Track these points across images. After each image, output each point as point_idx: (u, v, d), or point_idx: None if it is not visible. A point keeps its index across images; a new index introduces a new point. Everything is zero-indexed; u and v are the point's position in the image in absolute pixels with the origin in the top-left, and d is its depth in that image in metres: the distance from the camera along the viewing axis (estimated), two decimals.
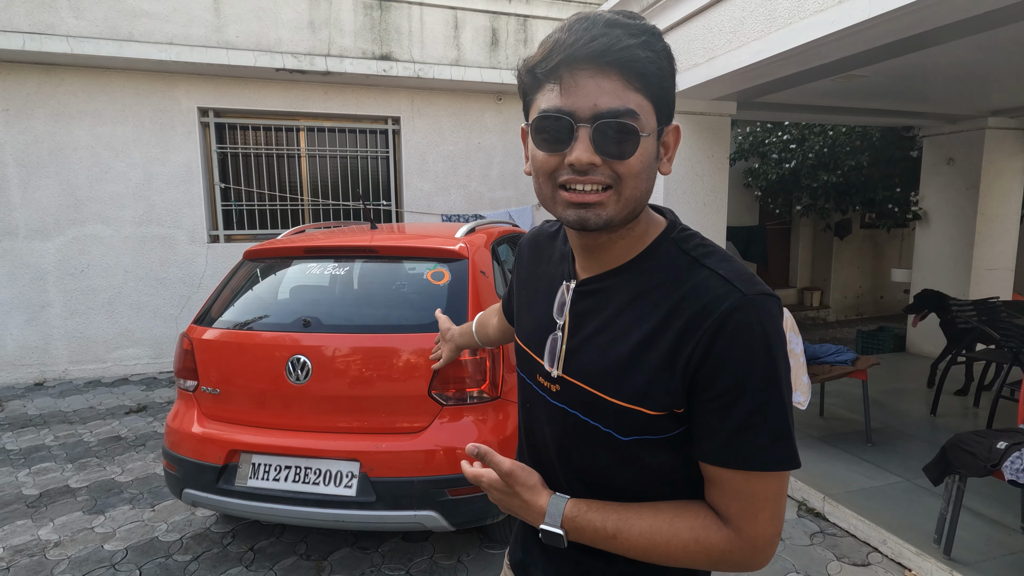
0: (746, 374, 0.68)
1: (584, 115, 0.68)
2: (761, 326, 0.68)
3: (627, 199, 0.71)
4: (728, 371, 0.68)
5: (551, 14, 6.52)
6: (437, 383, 2.29)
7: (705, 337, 0.69)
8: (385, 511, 2.22)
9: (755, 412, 0.68)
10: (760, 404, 0.68)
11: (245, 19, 5.50)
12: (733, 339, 0.68)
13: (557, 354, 0.82)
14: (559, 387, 0.82)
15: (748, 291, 0.70)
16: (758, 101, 4.79)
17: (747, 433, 0.69)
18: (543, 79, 0.70)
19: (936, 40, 3.00)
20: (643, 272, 0.77)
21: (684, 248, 0.77)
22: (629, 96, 0.68)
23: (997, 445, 2.33)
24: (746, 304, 0.69)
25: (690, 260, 0.75)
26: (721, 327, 0.68)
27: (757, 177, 7.95)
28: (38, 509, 3.07)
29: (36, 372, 5.43)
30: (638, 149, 0.69)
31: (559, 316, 0.84)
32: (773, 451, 0.69)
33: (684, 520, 0.74)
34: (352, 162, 6.37)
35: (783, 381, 0.70)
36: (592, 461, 0.81)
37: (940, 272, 6.00)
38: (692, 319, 0.70)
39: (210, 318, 2.58)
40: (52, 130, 5.25)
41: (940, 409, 4.23)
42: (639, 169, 0.70)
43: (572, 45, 0.66)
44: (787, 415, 0.70)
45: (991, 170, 5.61)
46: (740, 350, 0.68)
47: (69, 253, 5.40)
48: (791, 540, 2.76)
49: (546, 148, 0.71)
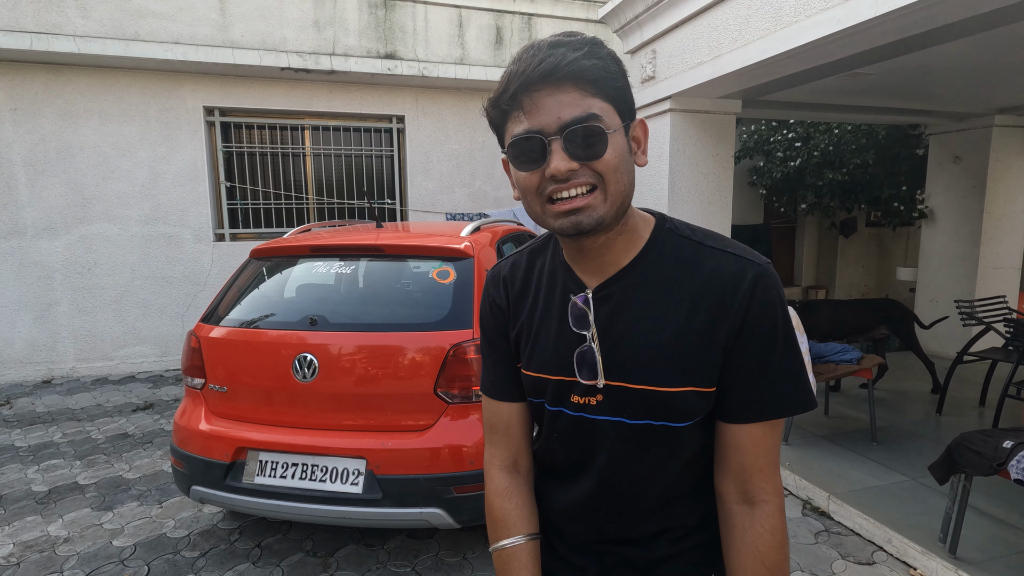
0: (773, 333, 0.78)
1: (551, 129, 0.72)
2: (777, 288, 0.79)
3: (613, 195, 0.75)
4: (760, 334, 0.77)
5: (555, 12, 6.52)
6: (443, 381, 2.30)
7: (740, 308, 0.77)
8: (391, 508, 2.23)
9: (784, 365, 0.79)
10: (786, 358, 0.79)
11: (250, 18, 5.52)
12: (763, 304, 0.77)
13: (596, 364, 0.82)
14: (602, 397, 0.82)
15: (759, 260, 0.79)
16: (763, 99, 4.78)
17: (779, 385, 0.79)
18: (507, 109, 0.75)
19: (943, 38, 2.99)
20: (652, 264, 0.82)
21: (683, 235, 0.83)
22: (588, 102, 0.72)
23: (1003, 444, 2.32)
24: (764, 272, 0.78)
25: (694, 245, 0.82)
26: (751, 297, 0.77)
27: (762, 175, 7.93)
28: (47, 505, 3.10)
29: (44, 370, 5.47)
30: (609, 146, 0.73)
31: (582, 327, 0.83)
32: (797, 395, 0.79)
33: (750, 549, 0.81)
34: (357, 161, 6.39)
35: (793, 333, 0.80)
36: (642, 468, 0.84)
37: (946, 271, 5.98)
38: (722, 295, 0.78)
39: (217, 316, 2.60)
40: (59, 129, 5.28)
41: (946, 408, 4.21)
42: (616, 163, 0.74)
43: (525, 72, 0.72)
44: (802, 362, 0.81)
45: (998, 168, 5.58)
46: (768, 313, 0.77)
47: (76, 252, 5.44)
48: (796, 539, 2.76)
49: (526, 168, 0.75)
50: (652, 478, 0.85)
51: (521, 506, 0.93)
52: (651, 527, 0.89)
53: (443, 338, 2.32)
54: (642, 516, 0.88)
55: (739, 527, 0.81)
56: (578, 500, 0.89)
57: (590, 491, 0.87)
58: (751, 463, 0.80)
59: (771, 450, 0.80)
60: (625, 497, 0.87)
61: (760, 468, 0.80)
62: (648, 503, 0.87)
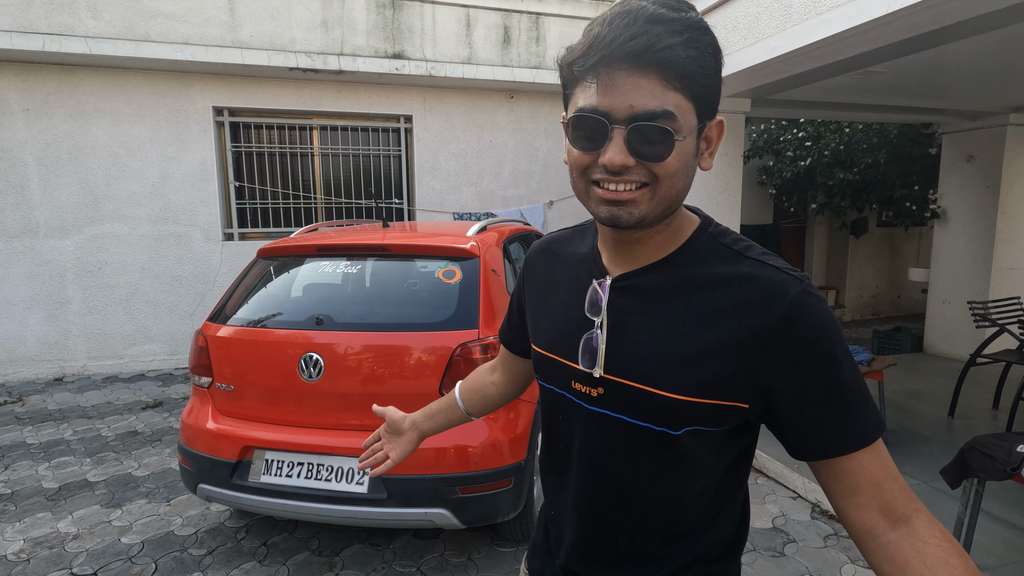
0: (832, 354, 0.69)
1: (620, 116, 0.66)
2: (826, 306, 0.71)
3: (662, 198, 0.70)
4: (818, 355, 0.69)
5: (564, 11, 6.50)
6: (449, 381, 2.30)
7: (781, 326, 0.69)
8: (396, 508, 2.23)
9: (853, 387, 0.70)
10: (852, 379, 0.70)
11: (259, 19, 5.55)
12: (812, 324, 0.69)
13: (597, 353, 0.79)
14: (602, 390, 0.79)
15: (802, 278, 0.72)
16: (773, 98, 4.74)
17: (856, 409, 0.70)
18: (579, 76, 0.69)
19: (956, 35, 2.95)
20: (685, 266, 0.76)
21: (723, 242, 0.77)
22: (668, 96, 0.66)
23: (1017, 448, 2.28)
24: (807, 291, 0.71)
25: (733, 253, 0.76)
26: (796, 314, 0.69)
27: (772, 175, 7.86)
28: (57, 502, 3.13)
29: (55, 368, 5.53)
30: (674, 150, 0.68)
31: (594, 314, 0.80)
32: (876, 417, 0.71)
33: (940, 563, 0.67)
34: (365, 160, 6.40)
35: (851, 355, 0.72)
36: (636, 470, 0.79)
37: (959, 271, 5.90)
38: (754, 310, 0.71)
39: (224, 315, 2.61)
40: (71, 130, 5.33)
41: (958, 411, 4.16)
42: (675, 169, 0.69)
43: (611, 43, 0.65)
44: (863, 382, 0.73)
45: (1012, 167, 5.50)
46: (821, 333, 0.69)
47: (87, 251, 5.49)
48: (804, 542, 2.74)
49: (581, 146, 0.71)
50: (649, 485, 0.79)
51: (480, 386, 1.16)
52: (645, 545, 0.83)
53: (449, 338, 2.32)
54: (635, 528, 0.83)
55: (911, 549, 0.68)
56: (572, 497, 0.86)
57: (584, 487, 0.85)
58: (883, 482, 0.70)
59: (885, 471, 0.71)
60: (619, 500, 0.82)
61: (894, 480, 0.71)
62: (643, 514, 0.81)
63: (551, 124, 6.75)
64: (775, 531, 2.83)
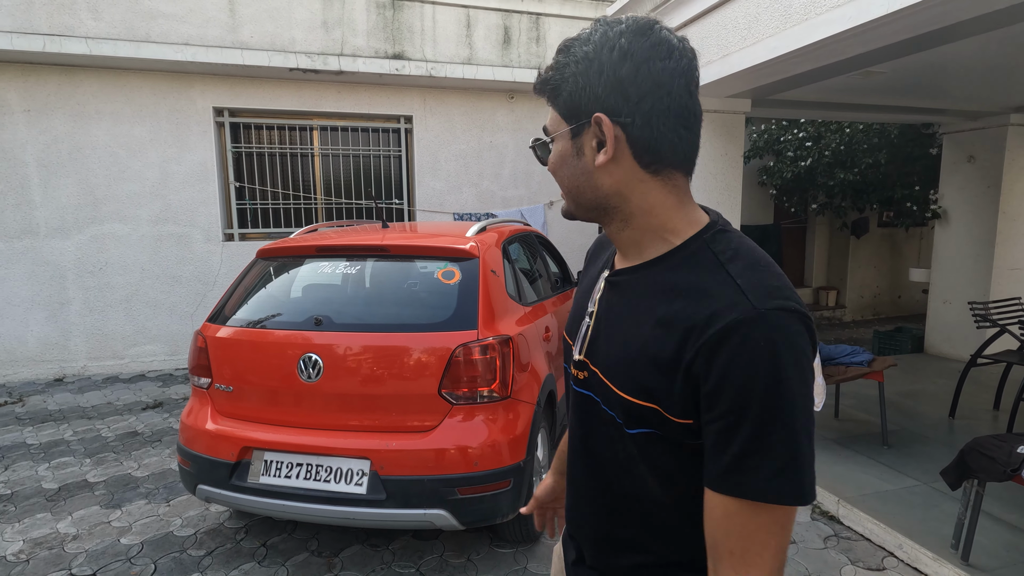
0: (747, 396, 0.63)
1: None
2: (770, 343, 0.64)
3: (566, 192, 0.82)
4: (729, 391, 0.64)
5: (564, 12, 6.50)
6: (448, 382, 2.29)
7: (705, 350, 0.66)
8: (395, 509, 2.23)
9: (758, 438, 0.63)
10: (763, 430, 0.63)
11: (259, 19, 5.55)
12: (734, 356, 0.64)
13: (584, 339, 0.86)
14: (586, 374, 0.84)
15: (761, 305, 0.65)
16: (773, 98, 4.73)
17: (750, 459, 0.64)
18: None
19: (957, 35, 2.94)
20: (668, 270, 0.76)
21: (713, 249, 0.74)
22: (551, 113, 0.80)
23: (1017, 449, 2.28)
24: (754, 319, 0.64)
25: (716, 263, 0.72)
26: (722, 341, 0.65)
27: (772, 175, 7.86)
28: (57, 503, 3.13)
29: (56, 368, 5.53)
30: (551, 153, 0.81)
31: (591, 303, 0.87)
32: (776, 482, 0.63)
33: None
34: (365, 161, 6.41)
35: (796, 405, 0.64)
36: (612, 453, 0.81)
37: (960, 272, 5.89)
38: (695, 327, 0.67)
39: (223, 316, 2.61)
40: (71, 130, 5.34)
41: (959, 411, 4.15)
42: (554, 168, 0.81)
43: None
44: (797, 443, 0.64)
45: (1013, 167, 5.49)
46: (742, 369, 0.64)
47: (88, 251, 5.50)
48: (804, 544, 2.73)
49: None
50: (618, 473, 0.81)
51: None
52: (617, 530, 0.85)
53: (448, 339, 2.32)
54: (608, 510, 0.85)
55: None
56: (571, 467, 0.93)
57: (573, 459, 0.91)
58: (721, 541, 0.67)
59: (746, 535, 0.65)
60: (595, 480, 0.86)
61: (731, 551, 0.66)
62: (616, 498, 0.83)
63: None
64: None
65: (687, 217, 0.78)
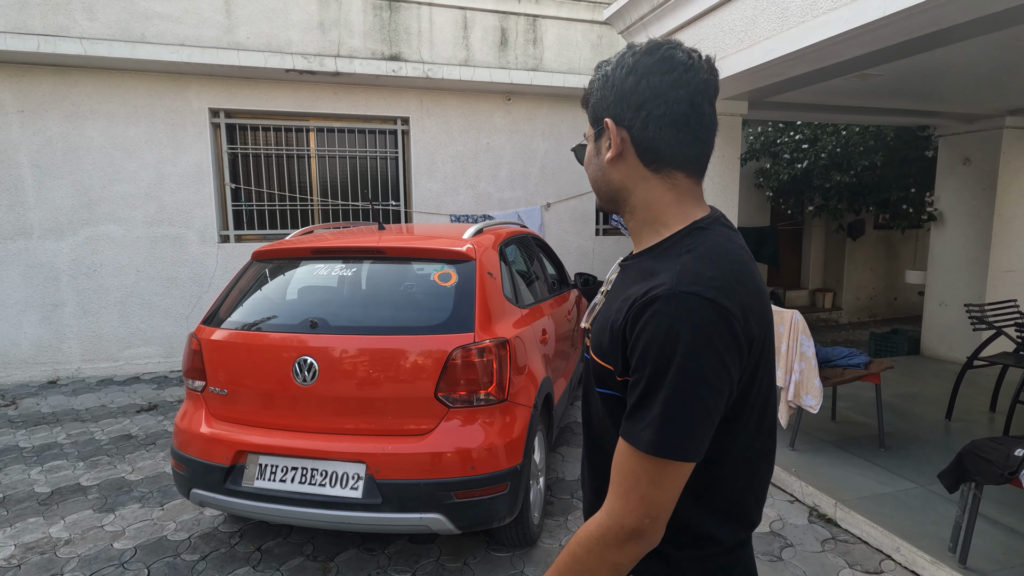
0: (645, 358, 0.76)
1: None
2: (672, 318, 0.75)
3: (592, 185, 0.97)
4: (636, 352, 0.78)
5: (561, 14, 6.50)
6: (444, 385, 2.28)
7: (631, 317, 0.79)
8: (391, 513, 2.21)
9: (645, 394, 0.77)
10: (649, 387, 0.76)
11: (255, 20, 5.53)
12: (645, 325, 0.77)
13: (592, 312, 1.01)
14: (588, 341, 0.97)
15: (678, 287, 0.76)
16: (770, 100, 4.74)
17: (638, 411, 0.77)
18: None
19: (952, 38, 2.95)
20: (651, 257, 0.87)
21: (684, 243, 0.84)
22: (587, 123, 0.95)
23: (1015, 452, 2.28)
24: (668, 297, 0.76)
25: (678, 254, 0.83)
26: (641, 311, 0.78)
27: (769, 177, 7.87)
28: (49, 507, 3.10)
29: (50, 370, 5.49)
30: (585, 154, 0.97)
31: (607, 284, 1.02)
32: (646, 432, 0.75)
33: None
34: (361, 162, 6.39)
35: (684, 373, 0.74)
36: (593, 410, 0.95)
37: (956, 274, 5.91)
38: (635, 299, 0.80)
39: (218, 319, 2.59)
40: (66, 131, 5.31)
41: (955, 414, 4.15)
42: (585, 166, 0.97)
43: None
44: (674, 404, 0.74)
45: (1008, 170, 5.51)
46: (647, 335, 0.76)
47: (82, 253, 5.46)
48: (802, 546, 2.72)
49: None
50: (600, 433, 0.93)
51: None
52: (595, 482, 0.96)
53: (444, 341, 2.30)
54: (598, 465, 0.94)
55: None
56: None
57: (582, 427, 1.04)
58: (613, 474, 0.81)
59: (623, 472, 0.79)
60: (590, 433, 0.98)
61: (615, 482, 0.80)
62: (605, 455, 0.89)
63: (548, 126, 6.74)
64: (772, 535, 2.82)
65: (682, 214, 0.88)
